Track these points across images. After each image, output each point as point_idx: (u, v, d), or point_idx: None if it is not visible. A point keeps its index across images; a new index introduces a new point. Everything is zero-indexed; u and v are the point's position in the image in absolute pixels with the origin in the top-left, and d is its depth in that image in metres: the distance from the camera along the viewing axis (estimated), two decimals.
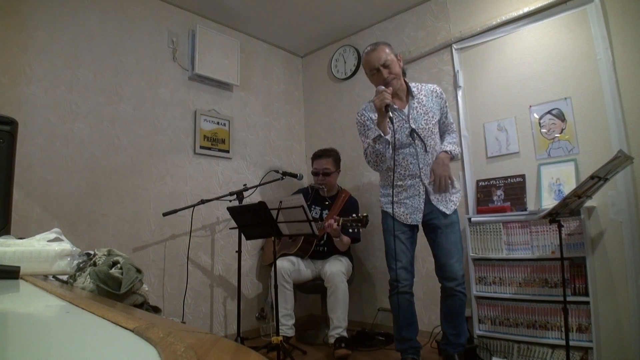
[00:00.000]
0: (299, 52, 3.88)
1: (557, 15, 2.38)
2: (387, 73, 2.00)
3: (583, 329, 2.01)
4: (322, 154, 2.95)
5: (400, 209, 2.06)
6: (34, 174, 2.21)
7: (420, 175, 2.03)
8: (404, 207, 2.06)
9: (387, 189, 2.12)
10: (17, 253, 1.04)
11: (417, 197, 2.04)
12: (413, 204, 2.04)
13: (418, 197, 2.04)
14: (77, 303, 0.65)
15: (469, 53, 2.74)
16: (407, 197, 2.05)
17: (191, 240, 2.76)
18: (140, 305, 1.05)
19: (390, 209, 2.08)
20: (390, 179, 2.06)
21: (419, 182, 2.04)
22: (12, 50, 2.19)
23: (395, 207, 2.06)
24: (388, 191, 2.10)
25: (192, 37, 2.97)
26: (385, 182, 2.13)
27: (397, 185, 2.07)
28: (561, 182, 2.28)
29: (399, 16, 3.19)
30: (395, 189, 2.06)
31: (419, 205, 2.04)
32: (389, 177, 2.07)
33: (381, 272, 3.08)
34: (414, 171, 2.03)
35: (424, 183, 2.03)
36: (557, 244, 1.98)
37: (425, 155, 2.04)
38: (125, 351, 0.41)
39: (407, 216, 2.05)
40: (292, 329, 2.62)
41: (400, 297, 2.02)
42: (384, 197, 2.14)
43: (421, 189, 2.04)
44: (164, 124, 2.80)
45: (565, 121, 2.32)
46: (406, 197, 2.06)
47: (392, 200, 2.06)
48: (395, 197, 2.07)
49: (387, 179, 2.12)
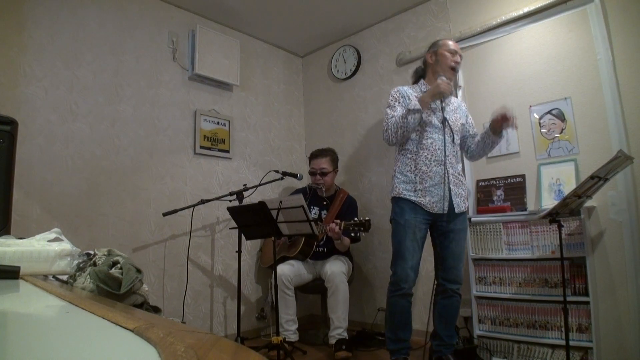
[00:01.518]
0: (299, 52, 3.88)
1: (557, 15, 2.38)
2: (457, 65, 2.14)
3: (583, 329, 2.01)
4: (319, 154, 2.94)
5: (425, 197, 2.01)
6: (34, 174, 2.21)
7: (445, 162, 2.03)
8: (430, 196, 2.01)
9: (408, 174, 2.06)
10: (17, 253, 1.04)
11: (442, 185, 2.02)
12: (438, 193, 2.01)
13: (443, 184, 2.02)
14: (77, 303, 0.65)
15: (469, 53, 2.74)
16: (432, 185, 2.01)
17: (191, 240, 2.76)
18: (140, 305, 1.05)
19: (413, 197, 2.01)
20: (414, 163, 2.05)
21: (444, 170, 2.03)
22: (12, 50, 2.19)
23: (419, 195, 2.01)
24: (411, 177, 2.05)
25: (192, 37, 2.97)
26: (407, 167, 2.07)
27: (421, 171, 2.03)
28: (561, 182, 2.28)
29: (399, 16, 3.19)
30: (419, 175, 2.03)
31: (445, 193, 2.01)
32: (413, 162, 2.05)
33: (381, 272, 3.08)
34: (440, 157, 2.03)
35: (448, 172, 2.03)
36: (557, 244, 1.98)
37: (453, 145, 2.08)
38: (125, 351, 0.41)
39: (433, 205, 2.01)
40: (296, 334, 2.61)
41: (404, 300, 2.02)
42: (405, 183, 2.06)
43: (445, 178, 2.02)
44: (164, 124, 2.80)
45: (565, 121, 2.32)
46: (431, 185, 2.01)
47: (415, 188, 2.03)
48: (420, 185, 2.02)
49: (409, 163, 2.06)
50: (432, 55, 2.17)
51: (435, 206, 2.01)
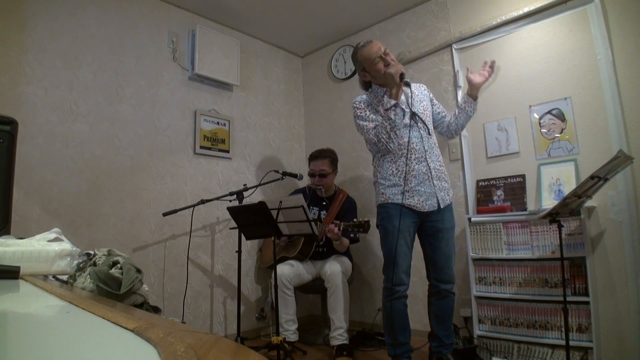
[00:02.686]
0: (299, 52, 3.88)
1: (557, 15, 2.38)
2: (391, 58, 2.02)
3: (583, 329, 2.01)
4: (318, 155, 2.92)
5: (414, 198, 1.97)
6: (34, 174, 2.21)
7: (426, 157, 2.00)
8: (418, 195, 1.97)
9: (391, 178, 2.01)
10: (17, 253, 1.04)
11: (428, 181, 1.99)
12: (426, 190, 1.98)
13: (428, 181, 1.99)
14: (77, 303, 0.65)
15: (469, 53, 2.74)
16: (417, 183, 1.97)
17: (191, 240, 2.76)
18: (140, 305, 1.05)
19: (401, 200, 1.96)
20: (395, 165, 1.99)
21: (426, 166, 1.99)
22: (12, 50, 2.19)
23: (408, 196, 1.97)
24: (395, 180, 2.00)
25: (192, 37, 2.97)
26: (389, 170, 2.02)
27: (404, 172, 1.98)
28: (561, 182, 2.28)
29: (399, 16, 3.19)
30: (402, 176, 1.98)
31: (431, 190, 1.98)
32: (396, 163, 2.00)
33: (381, 272, 3.06)
34: (420, 153, 1.99)
35: (430, 167, 1.99)
36: (557, 244, 1.98)
37: (429, 138, 2.04)
38: (125, 351, 0.41)
39: (422, 203, 1.97)
40: (296, 334, 2.61)
41: (399, 303, 2.00)
42: (391, 187, 2.00)
43: (429, 174, 1.99)
44: (164, 124, 2.80)
45: (565, 121, 2.32)
46: (417, 184, 1.97)
47: (403, 190, 1.97)
48: (406, 187, 1.97)
49: (390, 167, 2.01)
50: (365, 74, 2.09)
51: (425, 204, 1.97)
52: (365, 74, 2.10)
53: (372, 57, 2.03)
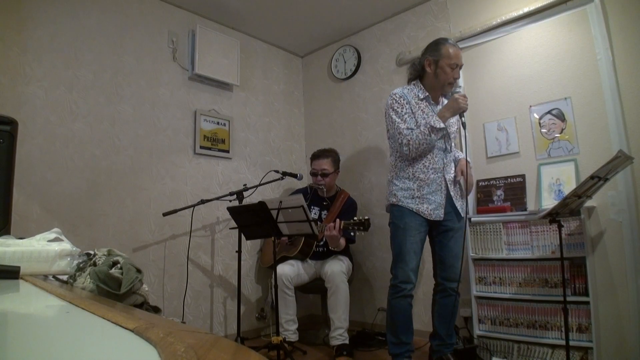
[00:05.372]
0: (299, 52, 3.88)
1: (557, 15, 2.38)
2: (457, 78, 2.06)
3: (583, 329, 2.01)
4: (320, 155, 2.93)
5: (423, 205, 2.02)
6: (34, 174, 2.21)
7: (444, 170, 2.05)
8: (427, 203, 2.02)
9: (405, 181, 2.06)
10: (17, 253, 1.04)
11: (440, 192, 2.04)
12: (436, 200, 2.03)
13: (440, 192, 2.04)
14: (77, 303, 0.65)
15: (469, 53, 2.74)
16: (429, 192, 2.02)
17: (191, 240, 2.76)
18: (140, 305, 1.05)
19: (411, 204, 2.02)
20: (412, 170, 2.04)
21: (442, 177, 2.04)
22: (12, 50, 2.19)
23: (417, 202, 2.02)
24: (408, 185, 2.05)
25: (192, 37, 2.97)
26: (405, 173, 2.06)
27: (419, 179, 2.03)
28: (561, 182, 2.28)
29: (399, 16, 3.19)
30: (416, 182, 2.03)
31: (441, 200, 2.03)
32: (410, 168, 2.05)
33: (381, 272, 3.08)
34: (439, 165, 2.04)
35: (445, 179, 2.05)
36: (557, 244, 1.98)
37: (449, 154, 2.11)
38: (125, 351, 0.41)
39: (430, 212, 2.01)
40: (296, 334, 2.61)
41: (404, 301, 2.02)
42: (403, 190, 2.06)
43: (443, 185, 2.05)
44: (164, 124, 2.80)
45: (565, 121, 2.32)
46: (429, 192, 2.02)
47: (414, 195, 2.03)
48: (417, 192, 2.03)
49: (406, 170, 2.06)
50: (431, 64, 2.07)
51: (432, 213, 2.02)
52: (431, 64, 2.08)
53: (453, 60, 2.03)
